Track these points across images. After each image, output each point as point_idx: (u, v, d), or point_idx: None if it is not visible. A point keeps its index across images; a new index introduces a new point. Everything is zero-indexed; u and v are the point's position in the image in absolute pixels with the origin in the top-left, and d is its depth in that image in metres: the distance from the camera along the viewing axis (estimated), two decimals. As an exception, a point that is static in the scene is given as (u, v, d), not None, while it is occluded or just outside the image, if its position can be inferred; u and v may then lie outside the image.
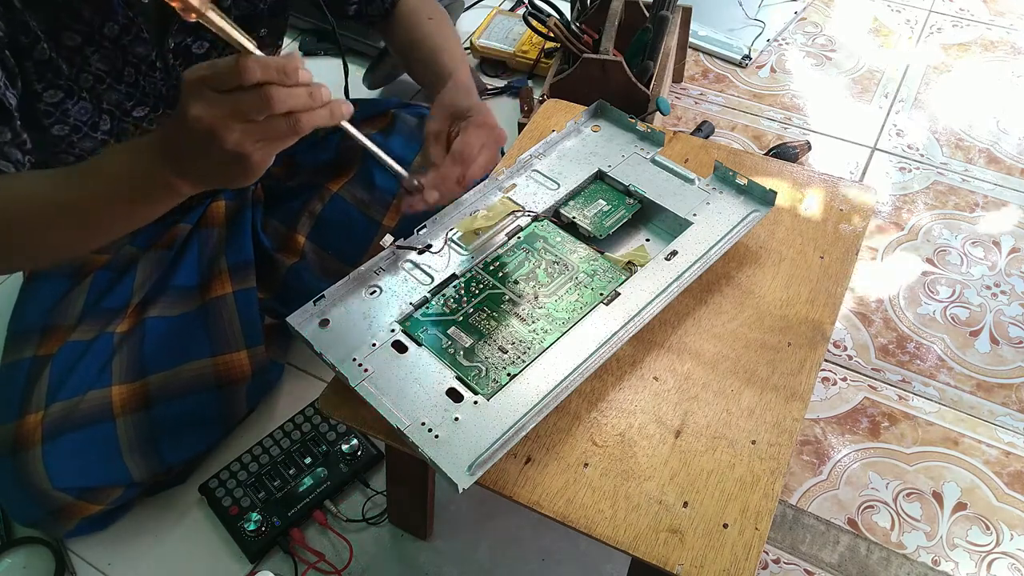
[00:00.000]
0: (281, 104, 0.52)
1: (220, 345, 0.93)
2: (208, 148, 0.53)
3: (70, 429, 0.84)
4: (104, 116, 0.76)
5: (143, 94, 0.77)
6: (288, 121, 0.53)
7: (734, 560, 0.58)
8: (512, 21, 1.56)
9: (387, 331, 0.68)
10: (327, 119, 0.56)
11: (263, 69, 0.51)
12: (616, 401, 0.67)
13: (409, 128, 1.03)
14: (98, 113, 0.75)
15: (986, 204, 1.26)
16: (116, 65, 0.74)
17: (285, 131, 0.53)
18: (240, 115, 0.52)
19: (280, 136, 0.54)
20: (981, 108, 1.42)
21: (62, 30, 0.69)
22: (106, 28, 0.71)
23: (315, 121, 0.55)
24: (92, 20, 0.70)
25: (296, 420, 1.00)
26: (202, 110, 0.51)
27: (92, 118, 0.75)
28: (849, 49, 1.55)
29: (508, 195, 0.79)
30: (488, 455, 0.59)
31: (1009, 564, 0.88)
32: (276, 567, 0.89)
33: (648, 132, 0.84)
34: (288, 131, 0.54)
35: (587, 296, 0.70)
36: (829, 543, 0.90)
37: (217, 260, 0.96)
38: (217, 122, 0.51)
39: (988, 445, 0.98)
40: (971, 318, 1.11)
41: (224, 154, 0.53)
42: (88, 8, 0.69)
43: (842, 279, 0.75)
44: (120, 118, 0.78)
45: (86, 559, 0.92)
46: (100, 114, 0.75)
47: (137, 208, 0.61)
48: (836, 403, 1.02)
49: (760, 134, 1.38)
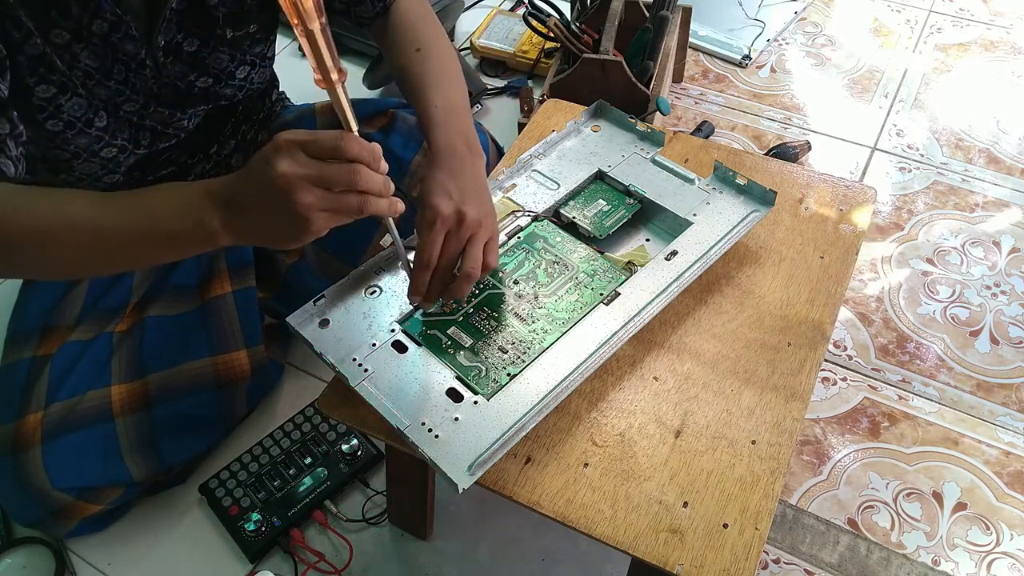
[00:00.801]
0: (364, 182, 0.56)
1: (219, 345, 0.93)
2: (278, 204, 0.55)
3: (70, 429, 0.84)
4: (101, 113, 0.76)
5: (133, 91, 0.77)
6: (359, 200, 0.56)
7: (734, 560, 0.58)
8: (512, 21, 1.56)
9: (387, 331, 0.68)
10: (386, 210, 0.58)
11: (360, 147, 0.56)
12: (616, 401, 0.67)
13: (408, 127, 1.03)
14: (92, 109, 0.75)
15: (986, 204, 1.26)
16: (105, 62, 0.74)
17: (352, 207, 0.56)
18: (323, 181, 0.55)
19: (345, 210, 0.56)
20: (981, 108, 1.42)
21: (51, 27, 0.69)
22: (95, 25, 0.71)
23: (379, 208, 0.57)
24: (81, 17, 0.70)
25: (296, 420, 1.00)
26: (290, 168, 0.54)
27: (86, 114, 0.75)
28: (849, 49, 1.55)
29: (508, 195, 0.79)
30: (488, 455, 0.59)
31: (1009, 564, 0.88)
32: (276, 567, 0.89)
33: (648, 132, 0.84)
34: (355, 208, 0.56)
35: (587, 296, 0.70)
36: (829, 543, 0.90)
37: (217, 260, 0.96)
38: (299, 181, 0.54)
39: (988, 445, 0.98)
40: (971, 318, 1.11)
41: (291, 213, 0.55)
42: (77, 5, 0.69)
43: (842, 279, 0.75)
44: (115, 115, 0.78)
45: (86, 559, 0.92)
46: (95, 110, 0.75)
47: (170, 250, 0.63)
48: (836, 403, 1.02)
49: (760, 134, 1.38)
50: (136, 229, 0.60)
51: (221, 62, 0.83)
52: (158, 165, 0.89)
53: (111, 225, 0.61)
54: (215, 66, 0.83)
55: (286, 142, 0.55)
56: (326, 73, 0.54)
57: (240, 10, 0.81)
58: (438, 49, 0.84)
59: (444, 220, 0.66)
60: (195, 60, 0.81)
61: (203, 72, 0.82)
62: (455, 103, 0.78)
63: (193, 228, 0.59)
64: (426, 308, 0.69)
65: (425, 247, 0.66)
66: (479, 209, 0.68)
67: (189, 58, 0.80)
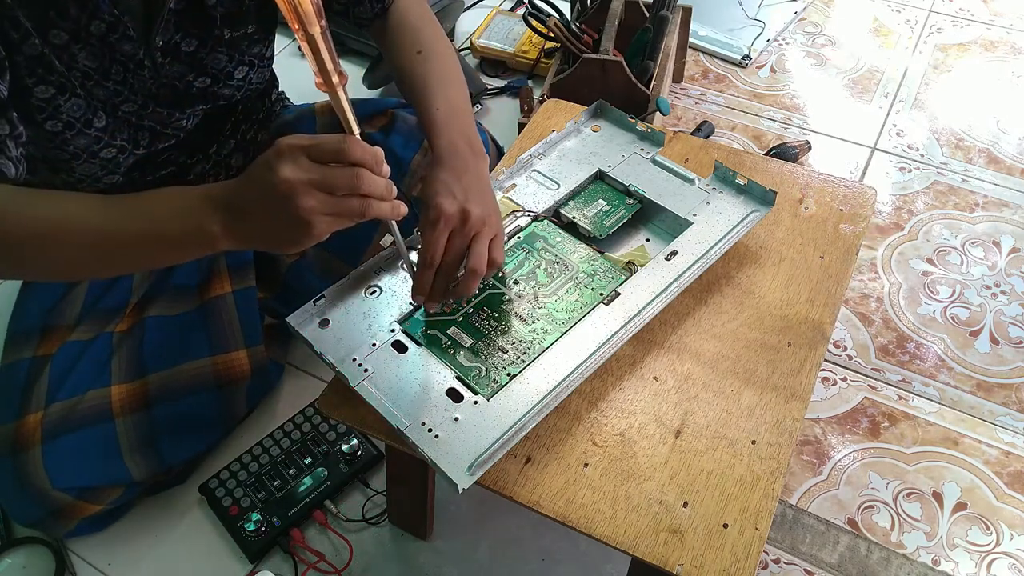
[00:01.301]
0: (367, 186, 0.56)
1: (219, 345, 0.93)
2: (280, 209, 0.55)
3: (70, 429, 0.84)
4: (99, 113, 0.76)
5: (131, 91, 0.77)
6: (361, 203, 0.56)
7: (734, 560, 0.58)
8: (512, 21, 1.56)
9: (387, 331, 0.68)
10: (388, 213, 0.58)
11: (362, 151, 0.56)
12: (616, 401, 0.67)
13: (408, 127, 1.03)
14: (91, 110, 0.75)
15: (986, 204, 1.26)
16: (103, 63, 0.74)
17: (355, 211, 0.56)
18: (326, 185, 0.55)
19: (347, 214, 0.57)
20: (981, 108, 1.42)
21: (49, 28, 0.69)
22: (92, 26, 0.71)
23: (381, 211, 0.57)
24: (79, 18, 0.70)
25: (296, 420, 1.00)
26: (292, 173, 0.54)
27: (85, 115, 0.75)
28: (849, 49, 1.55)
29: (508, 195, 0.79)
30: (488, 455, 0.59)
31: (1009, 564, 0.88)
32: (276, 567, 0.89)
33: (648, 132, 0.84)
34: (357, 212, 0.56)
35: (587, 296, 0.70)
36: (829, 543, 0.90)
37: (216, 259, 0.96)
38: (301, 186, 0.54)
39: (988, 445, 0.98)
40: (971, 318, 1.11)
41: (292, 218, 0.55)
42: (75, 6, 0.69)
43: (842, 279, 0.75)
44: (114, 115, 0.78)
45: (86, 559, 0.92)
46: (94, 111, 0.75)
47: (170, 254, 0.63)
48: (836, 403, 1.02)
49: (760, 134, 1.38)
50: (136, 232, 0.60)
51: (219, 62, 0.83)
52: (157, 165, 0.89)
53: (112, 227, 0.61)
54: (213, 66, 0.83)
55: (288, 147, 0.55)
56: (327, 77, 0.55)
57: (238, 10, 0.81)
58: (438, 51, 0.84)
59: (448, 219, 0.66)
60: (193, 60, 0.81)
61: (201, 72, 0.82)
62: (457, 105, 0.78)
63: (194, 232, 0.59)
64: (429, 309, 0.69)
65: (429, 246, 0.66)
66: (483, 207, 0.68)
67: (187, 58, 0.80)
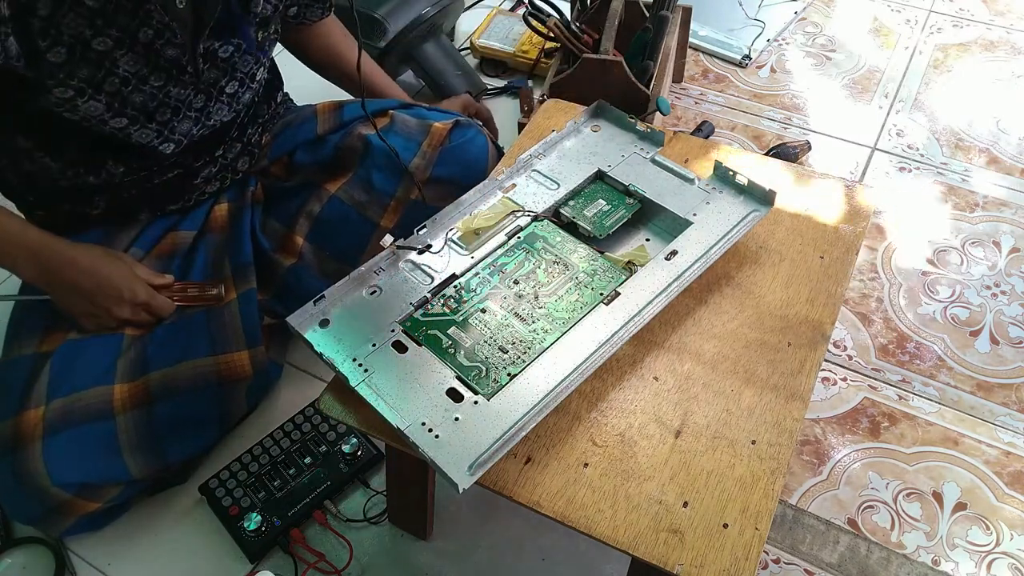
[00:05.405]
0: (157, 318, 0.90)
1: (221, 345, 0.93)
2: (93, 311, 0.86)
3: (70, 425, 0.83)
4: (118, 119, 0.77)
5: (166, 96, 0.79)
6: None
7: (734, 560, 0.58)
8: (512, 21, 1.56)
9: (387, 331, 0.68)
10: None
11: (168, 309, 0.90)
12: (616, 401, 0.67)
13: (408, 129, 1.03)
14: (110, 114, 0.77)
15: (986, 204, 1.26)
16: (143, 69, 0.76)
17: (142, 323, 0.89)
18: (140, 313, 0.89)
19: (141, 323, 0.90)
20: (981, 108, 1.41)
21: (95, 36, 0.71)
22: (140, 33, 0.73)
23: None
24: (128, 25, 0.71)
25: (296, 420, 1.00)
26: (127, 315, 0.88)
27: (102, 116, 0.77)
28: (849, 49, 1.55)
29: (508, 195, 0.79)
30: (488, 455, 0.59)
31: (1009, 564, 0.88)
32: (276, 567, 0.89)
33: (648, 132, 0.84)
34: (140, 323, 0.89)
35: (587, 296, 0.70)
36: (829, 543, 0.90)
37: (221, 265, 0.97)
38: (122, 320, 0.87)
39: (988, 445, 0.98)
40: (971, 318, 1.11)
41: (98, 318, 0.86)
42: (124, 14, 0.70)
43: (842, 279, 0.75)
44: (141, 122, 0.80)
45: (86, 559, 0.92)
46: (115, 116, 0.77)
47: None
48: (836, 403, 1.02)
49: (760, 134, 1.38)
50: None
51: (247, 65, 0.84)
52: (164, 168, 0.90)
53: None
54: (242, 70, 0.84)
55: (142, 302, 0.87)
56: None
57: (270, 15, 0.83)
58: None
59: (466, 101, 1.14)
60: (227, 65, 0.82)
61: (232, 77, 0.84)
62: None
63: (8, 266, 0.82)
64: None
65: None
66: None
67: (223, 63, 0.82)
